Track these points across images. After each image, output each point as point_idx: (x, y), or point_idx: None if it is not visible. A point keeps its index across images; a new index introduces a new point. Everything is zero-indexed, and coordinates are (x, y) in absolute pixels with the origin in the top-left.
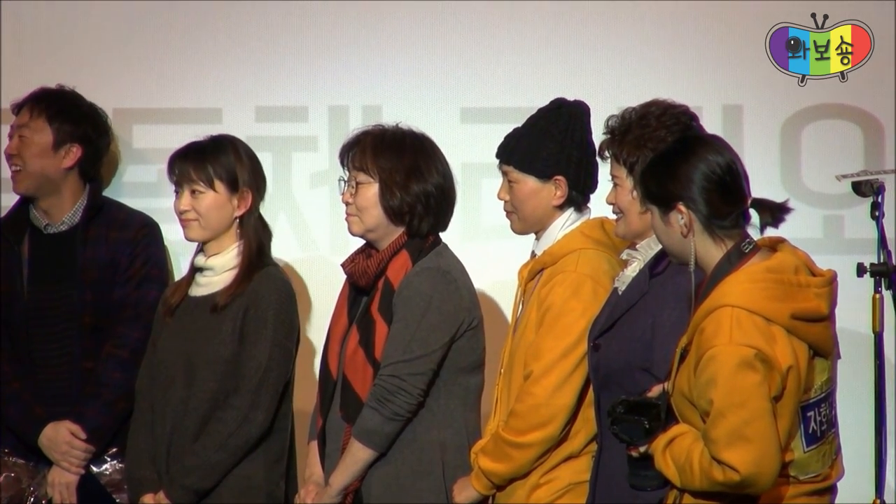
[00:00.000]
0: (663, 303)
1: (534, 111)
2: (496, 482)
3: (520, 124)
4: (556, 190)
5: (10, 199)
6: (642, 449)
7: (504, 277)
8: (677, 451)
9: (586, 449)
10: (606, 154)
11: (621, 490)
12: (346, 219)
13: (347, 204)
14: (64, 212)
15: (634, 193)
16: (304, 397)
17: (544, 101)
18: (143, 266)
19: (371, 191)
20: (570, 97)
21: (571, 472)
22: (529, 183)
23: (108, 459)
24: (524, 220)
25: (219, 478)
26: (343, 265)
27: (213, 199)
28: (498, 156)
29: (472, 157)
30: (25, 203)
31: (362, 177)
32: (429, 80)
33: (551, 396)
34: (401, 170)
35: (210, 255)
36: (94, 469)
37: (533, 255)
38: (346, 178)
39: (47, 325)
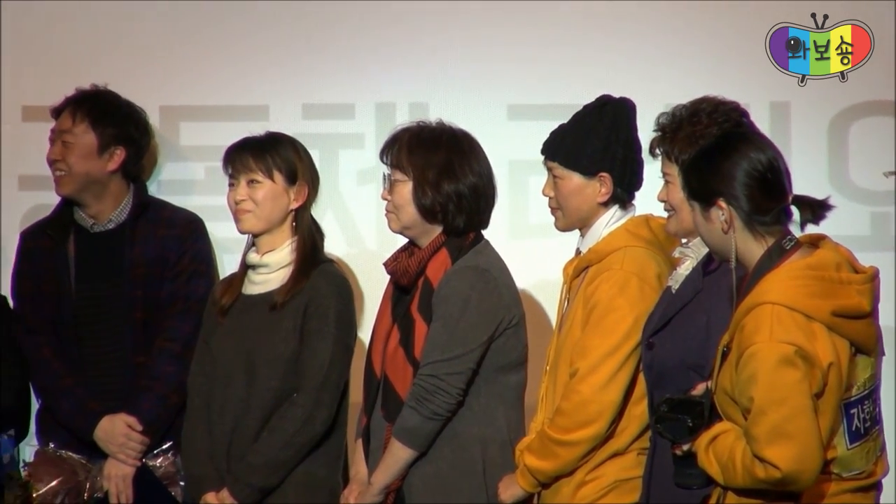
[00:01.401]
0: (717, 300)
1: (580, 108)
2: (542, 480)
3: (566, 121)
4: (600, 187)
5: (45, 199)
6: (686, 447)
7: (551, 275)
8: (720, 449)
9: (632, 446)
10: (657, 151)
11: (676, 488)
12: (386, 216)
13: (386, 201)
14: (110, 211)
15: None
16: (352, 395)
17: (591, 98)
18: (191, 262)
19: (406, 188)
20: (617, 94)
21: (617, 470)
22: (574, 179)
23: (162, 452)
24: (568, 217)
25: (283, 475)
26: (385, 264)
27: (271, 189)
28: (543, 152)
29: (518, 154)
30: (68, 204)
31: (398, 174)
32: (476, 76)
33: (597, 394)
34: (433, 168)
35: (264, 253)
36: (148, 462)
37: (578, 252)
38: (387, 175)
39: (97, 321)
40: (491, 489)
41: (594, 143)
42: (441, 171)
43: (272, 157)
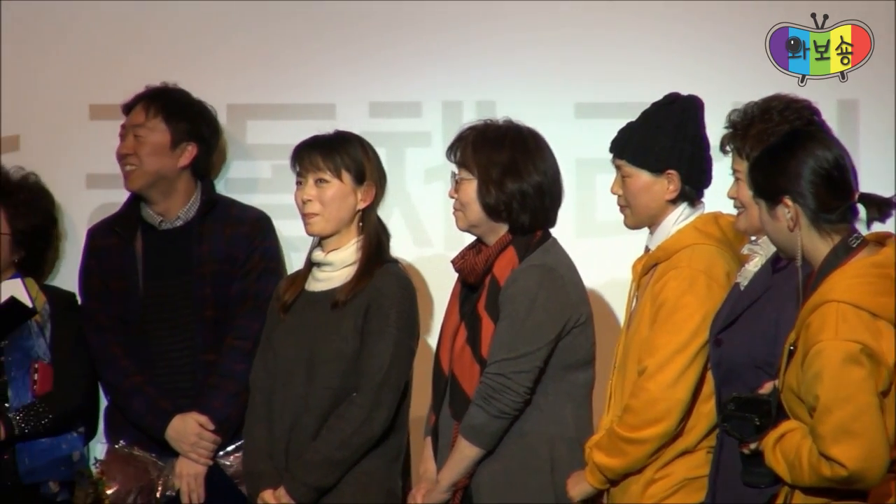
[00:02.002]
0: (787, 298)
1: (648, 106)
2: (610, 477)
3: (634, 119)
4: (668, 184)
5: (113, 197)
6: (753, 446)
7: (618, 273)
8: (787, 448)
9: (701, 444)
10: (728, 148)
11: (742, 486)
12: (453, 214)
13: (453, 199)
14: (178, 208)
15: None
16: (417, 394)
17: (659, 96)
18: (260, 259)
19: (471, 187)
20: (685, 92)
21: (686, 468)
22: (642, 177)
23: (233, 451)
24: (637, 215)
25: (340, 475)
26: (453, 262)
27: (338, 189)
28: (611, 150)
29: (586, 152)
30: (136, 201)
31: (463, 172)
32: (543, 75)
33: (666, 392)
34: (497, 167)
35: (329, 251)
36: (220, 461)
37: (647, 249)
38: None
39: (165, 319)
40: (559, 488)
41: (662, 141)
42: (505, 169)
43: (341, 156)
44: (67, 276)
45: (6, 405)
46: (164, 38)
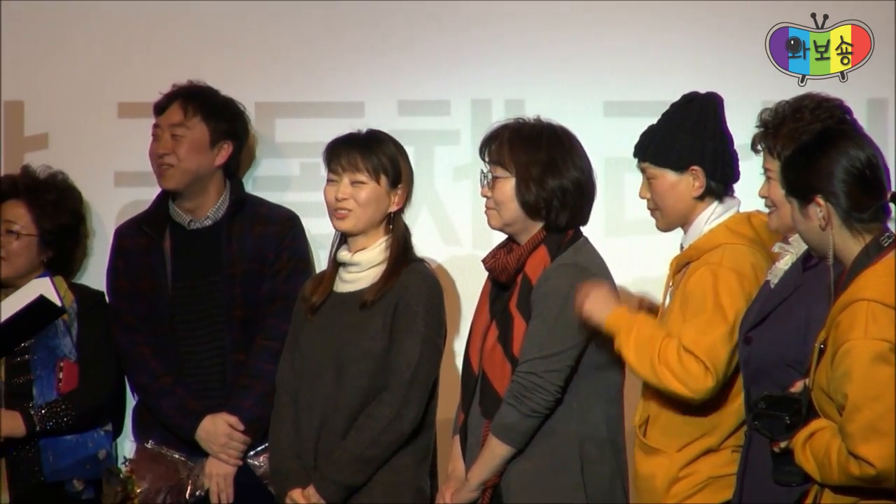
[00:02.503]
0: (818, 296)
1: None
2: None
3: (655, 121)
4: (693, 181)
5: (141, 195)
6: (783, 444)
7: (647, 271)
8: (816, 446)
9: (726, 443)
10: (759, 147)
11: (770, 484)
12: (486, 212)
13: (486, 198)
14: (208, 207)
15: None
16: (443, 395)
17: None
18: (290, 259)
19: (508, 185)
20: (714, 90)
21: (711, 467)
22: (667, 177)
23: (263, 452)
24: (667, 216)
25: (371, 473)
26: (484, 261)
27: (374, 191)
28: (635, 154)
29: (614, 151)
30: (164, 200)
31: (499, 171)
32: (572, 73)
33: (707, 354)
34: (537, 164)
35: (356, 251)
36: (249, 461)
37: (682, 248)
38: (485, 172)
39: (195, 319)
40: (589, 487)
41: (683, 138)
42: (545, 167)
43: (379, 158)
44: (95, 274)
45: (31, 403)
46: (193, 36)
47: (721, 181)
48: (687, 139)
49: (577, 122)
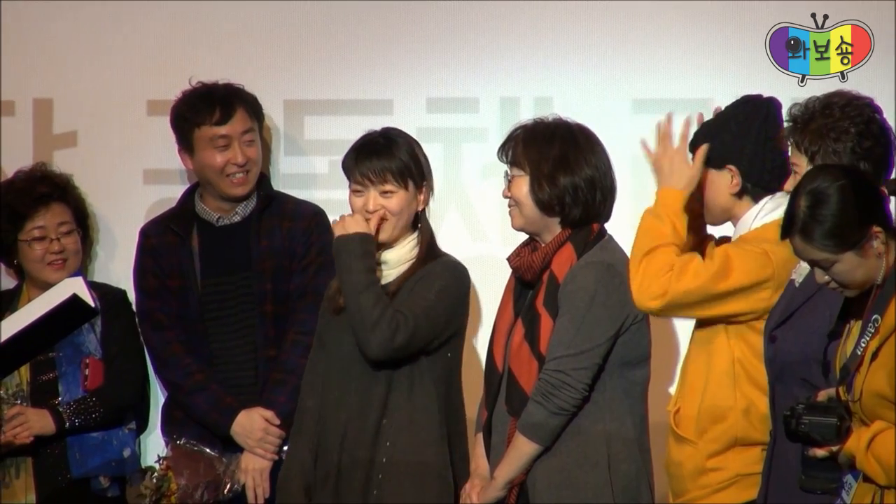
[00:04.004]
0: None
1: (705, 102)
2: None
3: (691, 115)
4: (731, 179)
5: (169, 192)
6: (834, 449)
7: None
8: (880, 451)
9: (755, 439)
10: (788, 142)
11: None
12: (509, 213)
13: (507, 198)
14: (237, 204)
15: None
16: (468, 391)
17: (716, 93)
18: (318, 254)
19: (524, 184)
20: (744, 90)
21: (741, 463)
22: (707, 172)
23: None
24: (708, 211)
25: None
26: (509, 259)
27: (404, 198)
28: (689, 149)
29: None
30: (190, 197)
31: (515, 170)
32: (600, 71)
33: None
34: (548, 162)
35: (384, 249)
36: (284, 456)
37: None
38: (507, 173)
39: (225, 315)
40: (616, 485)
41: (723, 137)
42: (556, 164)
43: (403, 161)
44: (121, 273)
45: (57, 400)
46: (222, 34)
47: (757, 184)
48: (727, 138)
49: (605, 120)
